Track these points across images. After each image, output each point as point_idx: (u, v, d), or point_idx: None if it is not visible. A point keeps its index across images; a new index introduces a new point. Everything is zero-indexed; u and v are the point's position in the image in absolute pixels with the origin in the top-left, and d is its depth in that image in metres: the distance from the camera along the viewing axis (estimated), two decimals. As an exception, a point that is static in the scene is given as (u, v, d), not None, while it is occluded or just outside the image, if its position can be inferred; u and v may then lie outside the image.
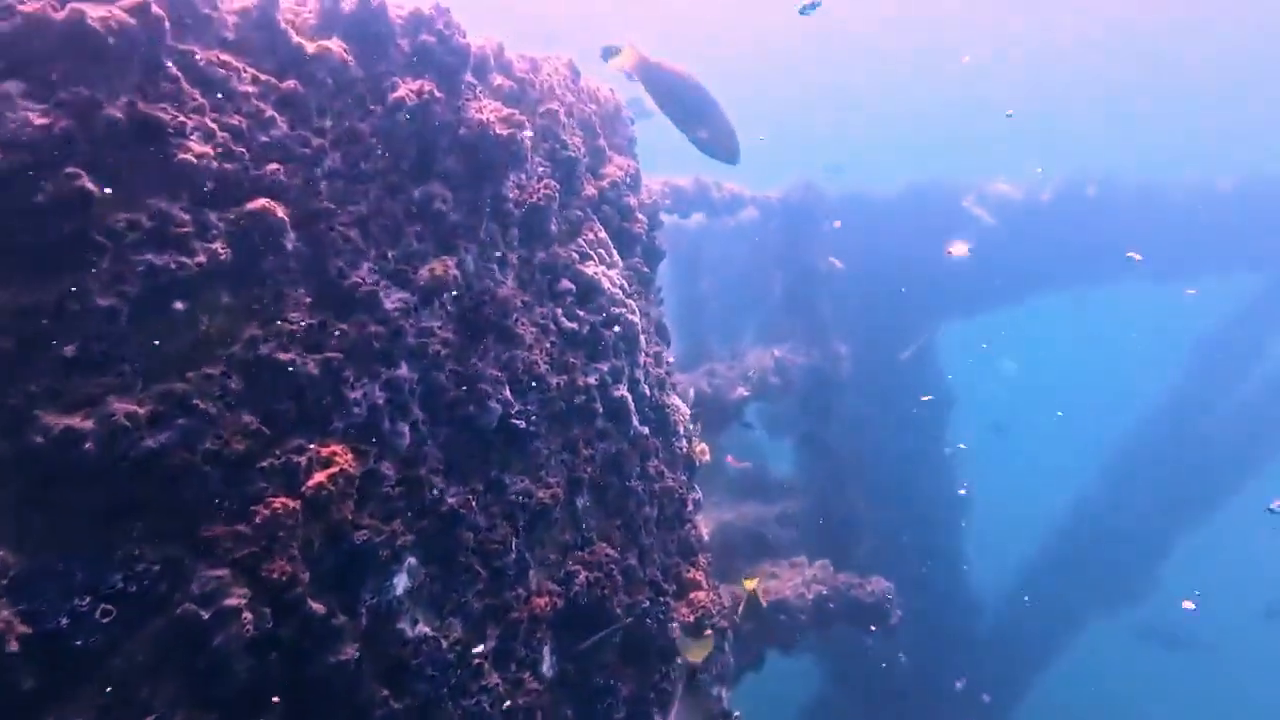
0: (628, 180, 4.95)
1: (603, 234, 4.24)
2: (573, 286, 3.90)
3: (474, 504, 3.06)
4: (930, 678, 11.63)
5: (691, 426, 6.43)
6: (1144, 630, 13.61)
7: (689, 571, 4.81)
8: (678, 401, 5.63)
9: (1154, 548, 12.68)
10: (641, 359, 4.39)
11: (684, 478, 5.06)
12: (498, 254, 3.46)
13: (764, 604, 5.73)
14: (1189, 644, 13.95)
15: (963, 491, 12.82)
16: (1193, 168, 12.51)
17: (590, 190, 4.26)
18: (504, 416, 3.23)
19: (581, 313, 3.90)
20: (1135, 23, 21.07)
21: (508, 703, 3.03)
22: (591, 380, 3.88)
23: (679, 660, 3.76)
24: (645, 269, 5.01)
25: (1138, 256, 9.32)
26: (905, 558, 11.48)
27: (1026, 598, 13.00)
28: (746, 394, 8.35)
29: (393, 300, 2.86)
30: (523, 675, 3.17)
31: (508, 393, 3.28)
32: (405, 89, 3.04)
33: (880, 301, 11.65)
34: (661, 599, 4.27)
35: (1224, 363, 13.14)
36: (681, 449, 5.12)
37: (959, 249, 8.05)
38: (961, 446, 12.15)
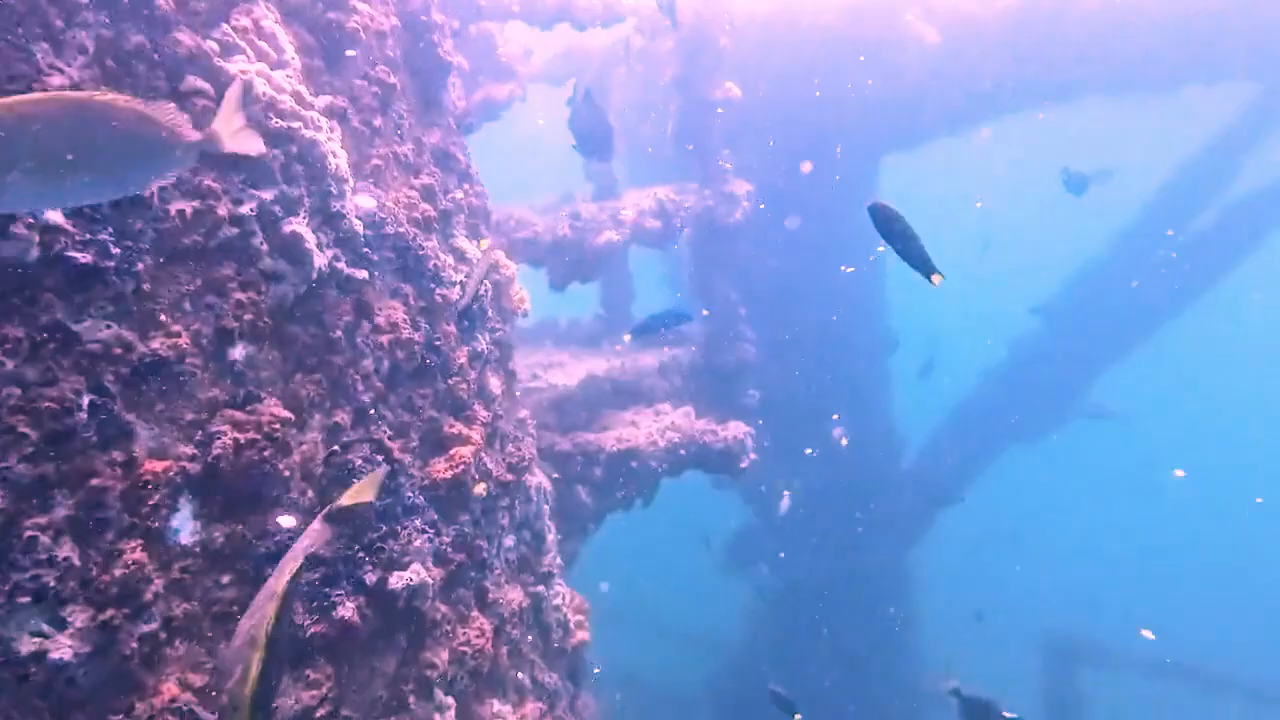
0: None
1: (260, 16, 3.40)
2: (207, 86, 3.14)
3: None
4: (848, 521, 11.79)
5: (503, 274, 5.80)
6: (1088, 410, 14.51)
7: (452, 426, 4.39)
8: (463, 245, 4.98)
9: (1080, 382, 12.42)
10: (344, 188, 3.69)
11: (450, 328, 4.53)
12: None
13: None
14: (1114, 417, 15.92)
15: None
16: None
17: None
18: (54, 249, 2.62)
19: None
20: None
21: (99, 573, 2.67)
22: (244, 210, 3.23)
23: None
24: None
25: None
26: (819, 405, 11.26)
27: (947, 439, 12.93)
28: (618, 239, 7.62)
29: None
30: (126, 544, 2.78)
31: (60, 218, 2.65)
32: None
33: (802, 136, 10.57)
34: (395, 459, 3.87)
35: (1189, 193, 12.13)
36: (449, 298, 4.54)
37: None
38: None
